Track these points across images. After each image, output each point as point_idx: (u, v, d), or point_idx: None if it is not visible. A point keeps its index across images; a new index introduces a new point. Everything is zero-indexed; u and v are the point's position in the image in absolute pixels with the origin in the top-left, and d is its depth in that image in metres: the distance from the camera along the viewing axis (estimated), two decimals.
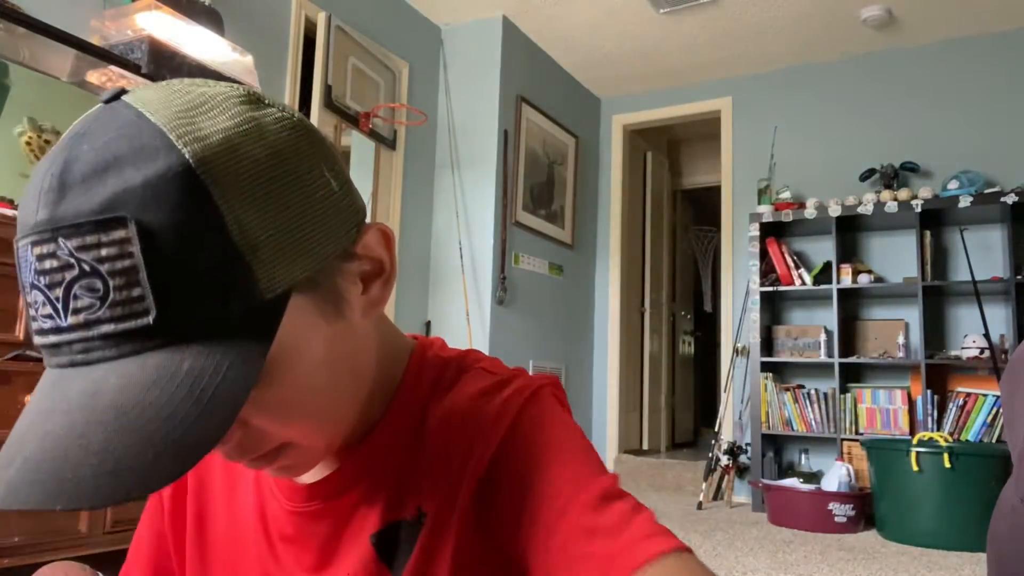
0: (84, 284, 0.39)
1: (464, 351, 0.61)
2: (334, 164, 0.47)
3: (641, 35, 4.41)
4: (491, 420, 0.53)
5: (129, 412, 0.37)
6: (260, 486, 0.60)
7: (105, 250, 0.38)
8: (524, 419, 0.53)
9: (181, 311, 0.39)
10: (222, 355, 0.39)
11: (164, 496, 0.65)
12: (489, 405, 0.54)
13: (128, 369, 0.39)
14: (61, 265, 0.39)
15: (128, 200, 0.38)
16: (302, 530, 0.57)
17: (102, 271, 0.38)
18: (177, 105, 0.41)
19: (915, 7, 4.02)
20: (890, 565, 2.87)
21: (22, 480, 0.37)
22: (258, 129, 0.43)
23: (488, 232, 4.10)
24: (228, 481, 0.62)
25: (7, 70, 2.07)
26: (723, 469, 4.33)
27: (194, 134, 0.40)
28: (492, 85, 4.21)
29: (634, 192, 5.48)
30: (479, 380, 0.56)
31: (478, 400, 0.54)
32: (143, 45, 2.36)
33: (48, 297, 0.40)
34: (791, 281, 4.30)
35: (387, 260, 0.50)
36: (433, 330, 4.09)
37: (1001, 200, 3.79)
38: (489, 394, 0.55)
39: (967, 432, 3.78)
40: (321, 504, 0.56)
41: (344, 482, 0.56)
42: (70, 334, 0.40)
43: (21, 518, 1.69)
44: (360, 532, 0.55)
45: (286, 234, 0.42)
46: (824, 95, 4.62)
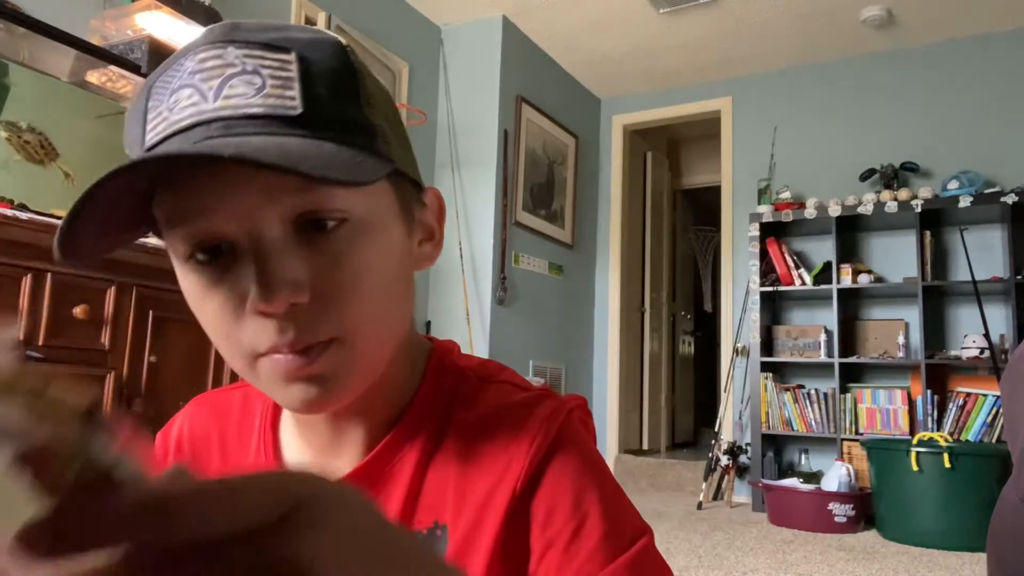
0: (243, 79, 0.44)
1: (482, 361, 0.60)
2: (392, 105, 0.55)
3: (641, 35, 4.41)
4: (525, 445, 0.51)
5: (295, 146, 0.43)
6: None
7: (269, 61, 0.45)
8: (558, 449, 0.52)
9: (324, 117, 0.45)
10: (354, 151, 0.45)
11: None
12: (523, 426, 0.52)
13: (273, 138, 0.43)
14: (224, 64, 0.45)
15: (294, 42, 0.46)
16: None
17: (263, 72, 0.45)
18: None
19: (915, 7, 4.01)
20: (890, 565, 2.87)
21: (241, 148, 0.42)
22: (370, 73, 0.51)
23: (488, 232, 4.10)
24: None
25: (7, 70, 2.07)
26: (723, 469, 4.33)
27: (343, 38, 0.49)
28: (492, 85, 4.21)
29: (634, 192, 5.48)
30: (507, 395, 0.55)
31: (509, 418, 0.53)
32: (143, 45, 2.36)
33: (199, 88, 0.44)
34: (791, 281, 4.30)
35: (437, 229, 0.56)
36: (433, 330, 4.08)
37: (1001, 200, 3.78)
38: (520, 413, 0.53)
39: (967, 432, 3.78)
40: None
41: (357, 484, 0.54)
42: (213, 114, 0.43)
43: None
44: None
45: (395, 129, 0.51)
46: (824, 95, 4.62)
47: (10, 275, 1.72)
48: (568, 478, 0.50)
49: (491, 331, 4.05)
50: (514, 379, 0.58)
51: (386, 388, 0.55)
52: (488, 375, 0.58)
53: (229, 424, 0.63)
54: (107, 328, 1.90)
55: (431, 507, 0.53)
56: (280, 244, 0.45)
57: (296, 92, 0.44)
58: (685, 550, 2.96)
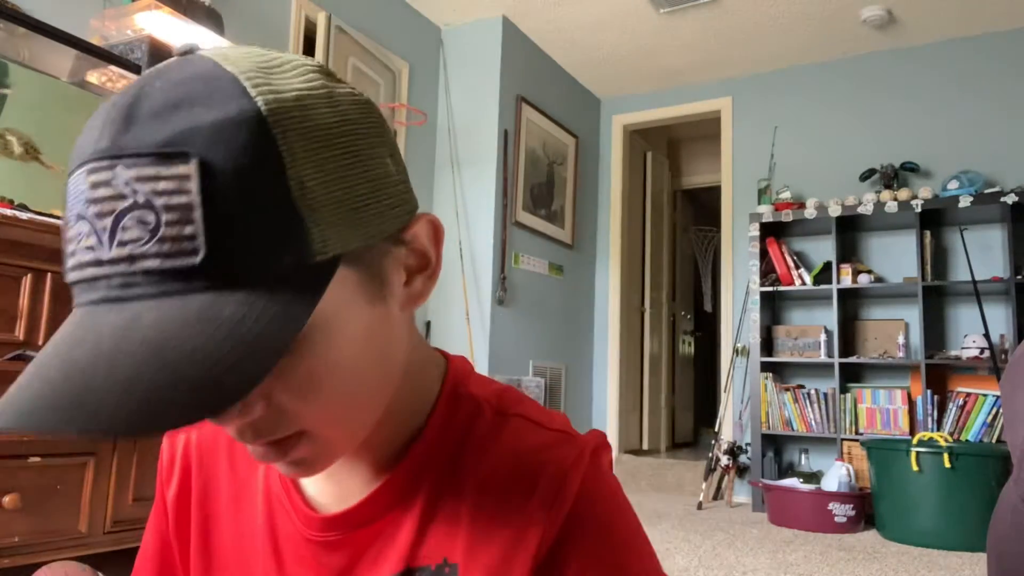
0: (135, 216, 0.37)
1: (499, 390, 0.57)
2: (394, 150, 0.48)
3: (641, 35, 4.41)
4: (546, 505, 0.49)
5: (163, 348, 0.36)
6: (271, 501, 0.57)
7: (163, 184, 0.37)
8: (586, 497, 0.50)
9: (230, 255, 0.37)
10: (266, 304, 0.38)
11: (168, 503, 0.63)
12: (540, 478, 0.50)
13: (168, 308, 0.37)
14: (114, 195, 0.38)
15: (194, 138, 0.38)
16: (316, 558, 0.54)
17: (156, 205, 0.37)
18: (254, 60, 0.41)
19: (915, 7, 4.02)
20: (890, 565, 2.87)
21: (38, 403, 0.35)
22: (329, 96, 0.42)
23: (488, 232, 4.10)
24: (234, 492, 0.60)
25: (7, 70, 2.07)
26: (723, 469, 4.33)
27: (269, 86, 0.40)
28: (492, 85, 4.21)
29: (634, 192, 5.48)
30: (524, 435, 0.53)
31: (525, 466, 0.51)
32: (143, 45, 2.36)
33: (94, 227, 0.38)
34: (791, 281, 4.30)
35: (433, 255, 0.49)
36: (433, 330, 4.09)
37: (1001, 200, 3.78)
38: (537, 461, 0.51)
39: (967, 432, 3.78)
40: (339, 535, 0.53)
41: (365, 516, 0.53)
42: (111, 267, 0.38)
43: (21, 518, 1.69)
44: (376, 570, 0.53)
45: (343, 202, 0.41)
46: (824, 95, 4.62)
47: (10, 275, 1.72)
48: (598, 552, 0.49)
49: (491, 331, 4.05)
50: (531, 413, 0.55)
51: (397, 417, 0.53)
52: (504, 408, 0.55)
53: None
54: None
55: (440, 543, 0.51)
56: None
57: (197, 228, 0.37)
58: (685, 550, 2.96)
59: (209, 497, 0.61)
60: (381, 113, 0.47)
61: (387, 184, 0.45)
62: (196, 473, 0.61)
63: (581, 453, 0.51)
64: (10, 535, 1.66)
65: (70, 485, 1.79)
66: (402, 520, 0.52)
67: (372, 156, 0.44)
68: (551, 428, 0.53)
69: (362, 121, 0.44)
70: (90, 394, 0.35)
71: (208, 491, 0.61)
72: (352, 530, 0.53)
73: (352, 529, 0.53)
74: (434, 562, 0.51)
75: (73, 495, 1.79)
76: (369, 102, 0.46)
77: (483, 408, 0.54)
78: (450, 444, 0.53)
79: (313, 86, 0.42)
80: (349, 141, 0.43)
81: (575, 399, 4.90)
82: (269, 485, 0.58)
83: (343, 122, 0.43)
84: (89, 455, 1.84)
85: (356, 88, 0.47)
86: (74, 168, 0.40)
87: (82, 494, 1.82)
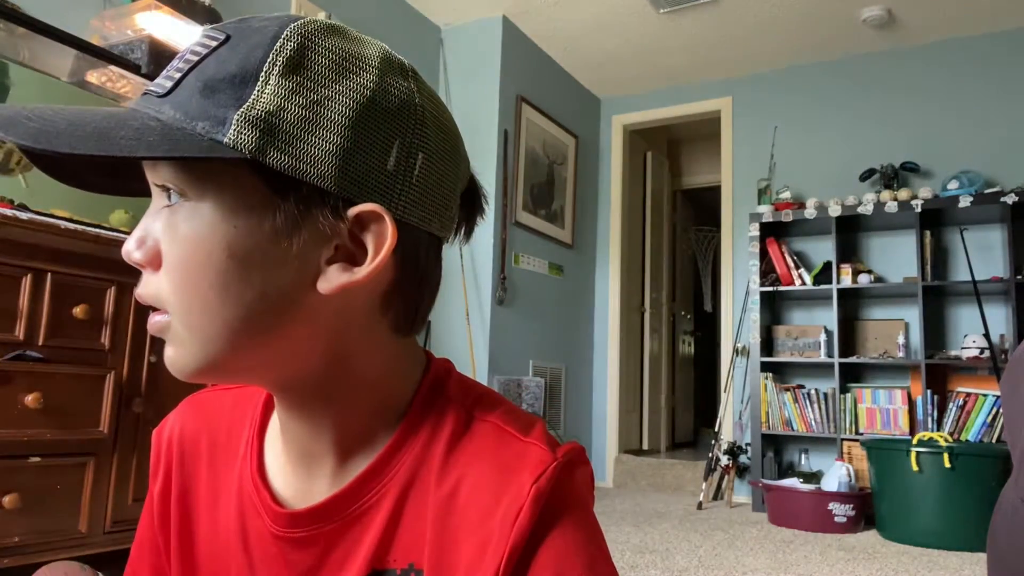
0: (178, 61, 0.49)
1: (479, 394, 0.56)
2: (417, 151, 0.49)
3: (641, 35, 4.41)
4: (511, 518, 0.47)
5: (87, 112, 0.46)
6: (243, 500, 0.57)
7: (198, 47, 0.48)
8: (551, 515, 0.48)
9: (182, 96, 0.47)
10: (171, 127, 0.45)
11: (154, 498, 0.63)
12: (508, 488, 0.49)
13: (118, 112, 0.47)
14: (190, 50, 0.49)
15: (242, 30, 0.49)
16: (284, 555, 0.54)
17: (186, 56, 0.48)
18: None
19: (915, 7, 4.02)
20: (890, 565, 2.87)
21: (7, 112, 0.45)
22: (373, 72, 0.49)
23: (488, 232, 4.10)
24: (212, 491, 0.60)
25: (7, 70, 2.07)
26: (723, 469, 4.33)
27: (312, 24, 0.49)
28: (492, 85, 4.21)
29: (634, 192, 5.48)
30: (497, 443, 0.52)
31: (497, 472, 0.50)
32: (143, 45, 2.36)
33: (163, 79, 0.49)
34: (791, 281, 4.30)
35: (371, 258, 0.48)
36: (433, 330, 4.08)
37: (1001, 200, 3.79)
38: (507, 469, 0.50)
39: (967, 432, 3.78)
40: (306, 532, 0.53)
41: (332, 514, 0.53)
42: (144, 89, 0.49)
43: (21, 518, 1.69)
44: (343, 570, 0.52)
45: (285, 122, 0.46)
46: (824, 95, 4.62)
47: (10, 275, 1.72)
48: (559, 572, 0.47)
49: (491, 331, 4.05)
50: (506, 420, 0.53)
51: (364, 418, 0.53)
52: (480, 413, 0.54)
53: (219, 428, 0.62)
54: (107, 328, 1.90)
55: (407, 547, 0.51)
56: (153, 206, 0.50)
57: (180, 74, 0.47)
58: (685, 550, 2.96)
59: (188, 495, 0.61)
60: (432, 119, 0.51)
61: (358, 153, 0.47)
62: (177, 471, 0.62)
63: (551, 469, 0.49)
64: (10, 535, 1.66)
65: (70, 485, 1.79)
66: (369, 521, 0.52)
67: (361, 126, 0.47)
68: (524, 439, 0.52)
69: (382, 103, 0.48)
70: (51, 123, 0.44)
71: (187, 489, 0.61)
72: (319, 527, 0.53)
73: (319, 526, 0.53)
74: (400, 567, 0.51)
75: (73, 495, 1.79)
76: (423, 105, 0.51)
77: (458, 412, 0.53)
78: (420, 447, 0.52)
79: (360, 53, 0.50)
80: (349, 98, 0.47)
81: (575, 399, 4.90)
82: (242, 484, 0.58)
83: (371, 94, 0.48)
84: (89, 455, 1.84)
85: (434, 96, 0.53)
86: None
87: (82, 494, 1.82)
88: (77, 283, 1.84)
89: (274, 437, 0.59)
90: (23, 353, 1.72)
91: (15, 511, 1.66)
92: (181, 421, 0.64)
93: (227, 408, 0.63)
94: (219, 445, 0.61)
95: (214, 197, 0.47)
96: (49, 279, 1.78)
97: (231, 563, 0.57)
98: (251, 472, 0.58)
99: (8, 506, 1.65)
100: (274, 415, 0.60)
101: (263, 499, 0.56)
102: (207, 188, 0.47)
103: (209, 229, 0.47)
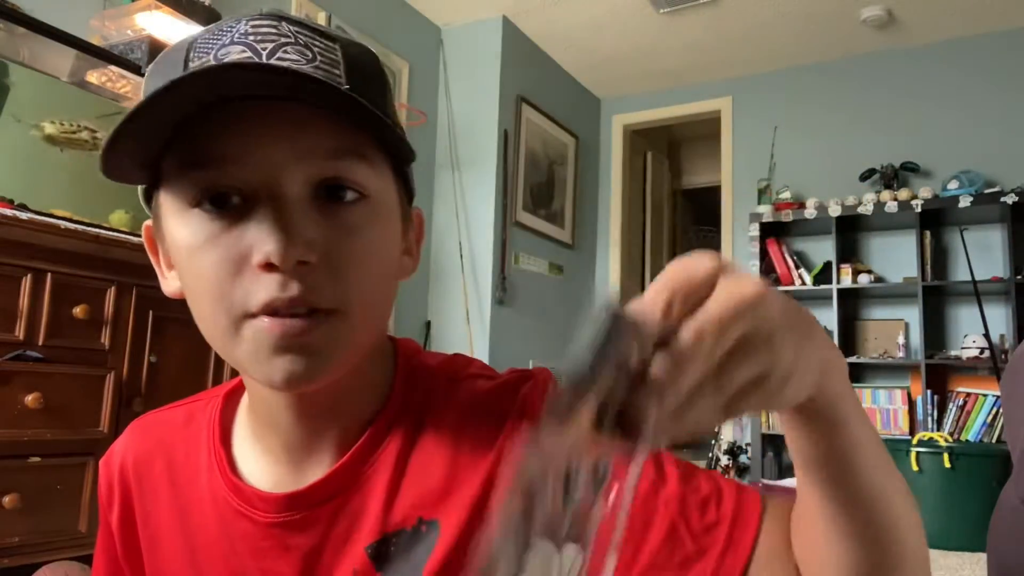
0: (296, 49, 0.46)
1: (447, 358, 0.59)
2: None
3: (641, 35, 4.41)
4: (516, 416, 0.52)
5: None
6: (220, 507, 0.56)
7: (318, 43, 0.47)
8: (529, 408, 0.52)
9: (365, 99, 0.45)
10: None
11: (113, 527, 0.61)
12: (500, 412, 0.53)
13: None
14: (278, 33, 0.47)
15: (337, 36, 0.49)
16: (281, 542, 0.53)
17: (314, 48, 0.47)
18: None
19: (915, 7, 4.01)
20: None
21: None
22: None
23: (488, 232, 4.10)
24: (178, 510, 0.58)
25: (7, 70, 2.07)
26: (723, 469, 4.33)
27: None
28: (492, 85, 4.20)
29: (634, 192, 5.48)
30: (480, 387, 0.55)
31: (483, 408, 0.53)
32: (143, 45, 2.36)
33: (253, 48, 0.46)
34: (791, 281, 4.30)
35: (415, 247, 0.57)
36: (433, 330, 4.09)
37: (1001, 200, 3.79)
38: (494, 400, 0.54)
39: (967, 432, 3.78)
40: (304, 512, 0.53)
41: (329, 490, 0.52)
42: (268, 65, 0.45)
43: (21, 518, 1.69)
44: (350, 542, 0.52)
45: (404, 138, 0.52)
46: (824, 95, 4.62)
47: (10, 275, 1.72)
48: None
49: (491, 331, 4.05)
50: (482, 371, 0.58)
51: (360, 386, 0.54)
52: (455, 373, 0.57)
53: (175, 446, 0.60)
54: (107, 328, 1.90)
55: (413, 506, 0.52)
56: (299, 203, 0.45)
57: (342, 72, 0.47)
58: None
59: (152, 517, 0.59)
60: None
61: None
62: (137, 495, 0.60)
63: (536, 379, 0.54)
64: (10, 535, 1.66)
65: (70, 485, 1.79)
66: (370, 490, 0.52)
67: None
68: (505, 376, 0.56)
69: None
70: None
71: (150, 512, 0.60)
72: (316, 506, 0.53)
73: (316, 505, 0.53)
74: (409, 524, 0.51)
75: (73, 495, 1.79)
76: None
77: (438, 376, 0.56)
78: (413, 409, 0.54)
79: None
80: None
81: None
82: (215, 493, 0.56)
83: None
84: (89, 455, 1.84)
85: None
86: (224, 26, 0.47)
87: (82, 494, 1.82)
88: (77, 283, 1.84)
89: (244, 437, 0.58)
90: (23, 353, 1.72)
91: (15, 511, 1.66)
92: (131, 448, 0.62)
93: (179, 425, 0.61)
94: (178, 464, 0.59)
95: (387, 196, 0.50)
96: (49, 279, 1.78)
97: (220, 571, 0.56)
98: (223, 477, 0.56)
99: (8, 506, 1.65)
100: (239, 416, 0.59)
101: (246, 496, 0.54)
102: (385, 187, 0.50)
103: (388, 231, 0.50)
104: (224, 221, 0.45)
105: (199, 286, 0.47)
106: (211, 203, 0.45)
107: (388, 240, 0.50)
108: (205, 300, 0.47)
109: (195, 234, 0.46)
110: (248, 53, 0.45)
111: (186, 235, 0.47)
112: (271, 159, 0.45)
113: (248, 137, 0.45)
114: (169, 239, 0.49)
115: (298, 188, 0.45)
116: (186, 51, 0.47)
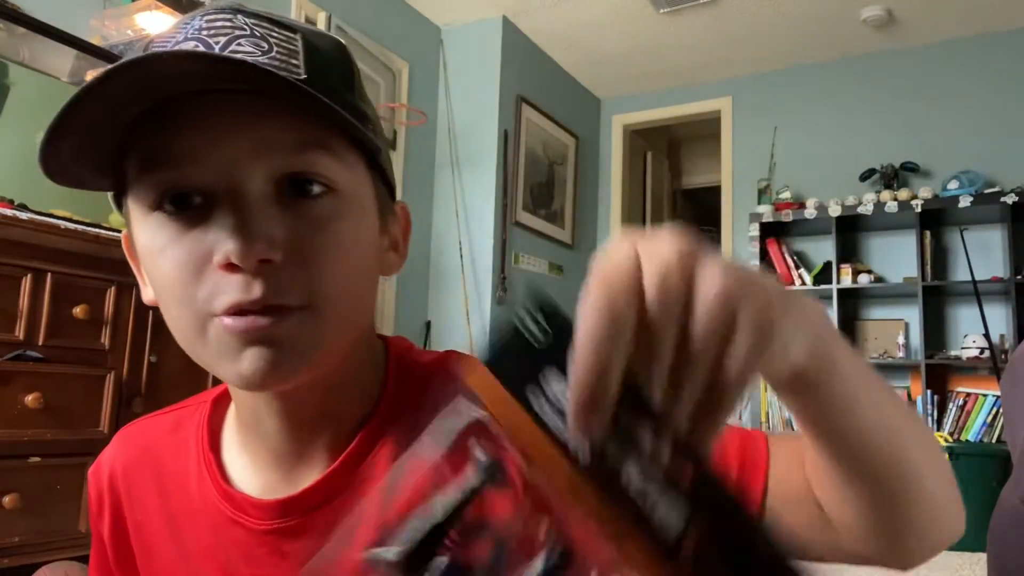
0: (251, 41, 0.45)
1: (441, 355, 0.58)
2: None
3: (641, 35, 4.41)
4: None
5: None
6: (212, 515, 0.55)
7: (276, 34, 0.46)
8: None
9: (324, 90, 0.43)
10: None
11: (105, 538, 0.60)
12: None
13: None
14: (232, 26, 0.45)
15: (298, 26, 0.48)
16: (276, 549, 0.52)
17: (271, 39, 0.46)
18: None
19: (915, 7, 4.01)
20: None
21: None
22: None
23: (488, 232, 4.10)
24: (169, 519, 0.57)
25: (7, 70, 2.07)
26: None
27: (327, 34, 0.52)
28: (492, 85, 4.20)
29: (634, 192, 5.48)
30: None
31: None
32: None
33: (205, 42, 0.44)
34: (791, 281, 4.30)
35: (402, 242, 0.56)
36: (433, 330, 4.09)
37: (1001, 200, 3.79)
38: None
39: (967, 432, 3.78)
40: (298, 519, 0.51)
41: (324, 495, 0.51)
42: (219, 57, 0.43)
43: (21, 518, 1.69)
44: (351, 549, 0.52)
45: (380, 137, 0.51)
46: (824, 95, 4.62)
47: (10, 275, 1.72)
48: None
49: (491, 331, 4.04)
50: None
51: (350, 388, 0.53)
52: (451, 368, 0.55)
53: (163, 454, 0.59)
54: (107, 328, 1.90)
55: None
56: (261, 200, 0.44)
57: (300, 63, 0.46)
58: None
59: (144, 526, 0.59)
60: None
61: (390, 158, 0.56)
62: (127, 504, 0.59)
63: None
64: (10, 535, 1.66)
65: (70, 485, 1.79)
66: (367, 492, 0.51)
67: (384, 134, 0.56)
68: None
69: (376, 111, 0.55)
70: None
71: (141, 521, 0.59)
72: (310, 512, 0.51)
73: (310, 511, 0.51)
74: None
75: (73, 495, 1.79)
76: None
77: (432, 373, 0.55)
78: (407, 411, 0.53)
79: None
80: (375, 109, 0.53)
81: None
82: (205, 499, 0.55)
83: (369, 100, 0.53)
84: (89, 455, 1.84)
85: None
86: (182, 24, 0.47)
87: (82, 494, 1.82)
88: (77, 283, 1.84)
89: (233, 442, 0.57)
90: (23, 353, 1.72)
91: (15, 511, 1.66)
92: (119, 457, 0.61)
93: (166, 431, 0.60)
94: (167, 471, 0.58)
95: (358, 189, 0.49)
96: (49, 279, 1.78)
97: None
98: (214, 483, 0.55)
99: (8, 506, 1.65)
100: (228, 421, 0.58)
101: (238, 503, 0.53)
102: (355, 180, 0.49)
103: (360, 224, 0.49)
104: (185, 222, 0.44)
105: (164, 289, 0.46)
106: (172, 204, 0.44)
107: (361, 234, 0.48)
108: (171, 303, 0.46)
109: (157, 236, 0.45)
110: (202, 48, 0.44)
111: (146, 239, 0.46)
112: (229, 155, 0.43)
113: (205, 134, 0.43)
114: (138, 245, 0.48)
115: (260, 184, 0.44)
116: (144, 51, 0.46)
